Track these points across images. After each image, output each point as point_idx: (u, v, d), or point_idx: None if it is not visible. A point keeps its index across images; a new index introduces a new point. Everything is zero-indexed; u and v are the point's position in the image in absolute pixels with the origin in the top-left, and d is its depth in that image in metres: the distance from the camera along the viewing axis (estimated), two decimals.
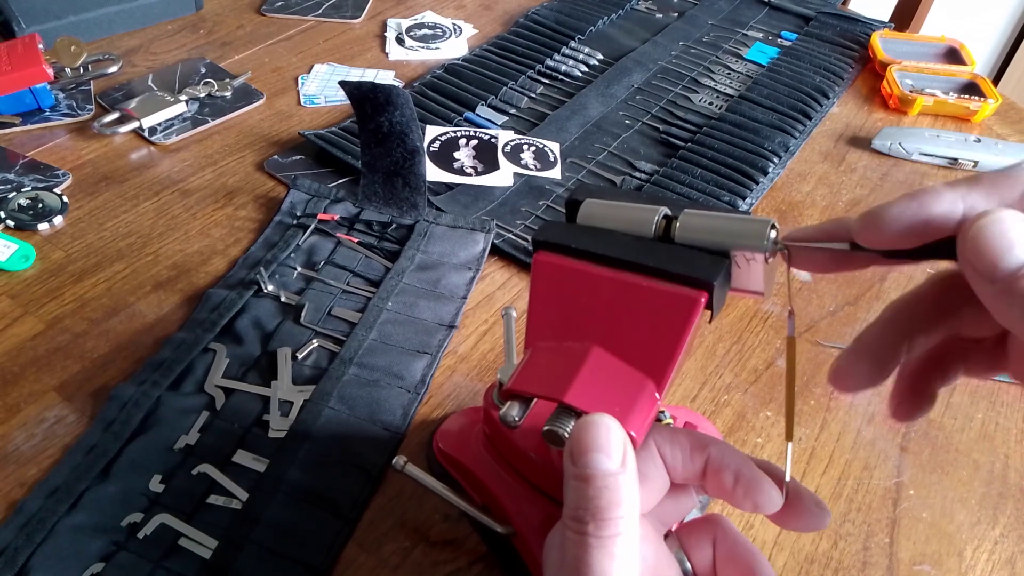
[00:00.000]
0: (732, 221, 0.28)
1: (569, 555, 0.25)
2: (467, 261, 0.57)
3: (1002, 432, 0.50)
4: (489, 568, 0.41)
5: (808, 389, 0.52)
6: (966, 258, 0.23)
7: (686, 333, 0.28)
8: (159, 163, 0.65)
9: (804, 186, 0.70)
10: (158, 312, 0.52)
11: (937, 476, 0.47)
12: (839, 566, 0.42)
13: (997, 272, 0.22)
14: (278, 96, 0.74)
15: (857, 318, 0.57)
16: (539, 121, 0.73)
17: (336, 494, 0.42)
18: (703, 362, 0.53)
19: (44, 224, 0.58)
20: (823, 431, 0.49)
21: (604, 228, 0.30)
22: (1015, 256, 0.22)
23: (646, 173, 0.68)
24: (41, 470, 0.43)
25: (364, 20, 0.88)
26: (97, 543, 0.39)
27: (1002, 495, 0.47)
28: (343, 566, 0.40)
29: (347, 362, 0.49)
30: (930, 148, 0.73)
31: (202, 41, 0.82)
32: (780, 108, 0.76)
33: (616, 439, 0.26)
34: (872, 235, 0.24)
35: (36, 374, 0.48)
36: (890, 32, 0.90)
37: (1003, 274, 0.22)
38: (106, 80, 0.74)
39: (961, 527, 0.45)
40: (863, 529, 0.44)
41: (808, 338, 0.55)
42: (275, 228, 0.59)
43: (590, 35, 0.88)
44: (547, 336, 0.31)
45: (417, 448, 0.46)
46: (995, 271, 0.22)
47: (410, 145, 0.58)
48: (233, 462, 0.43)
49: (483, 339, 0.53)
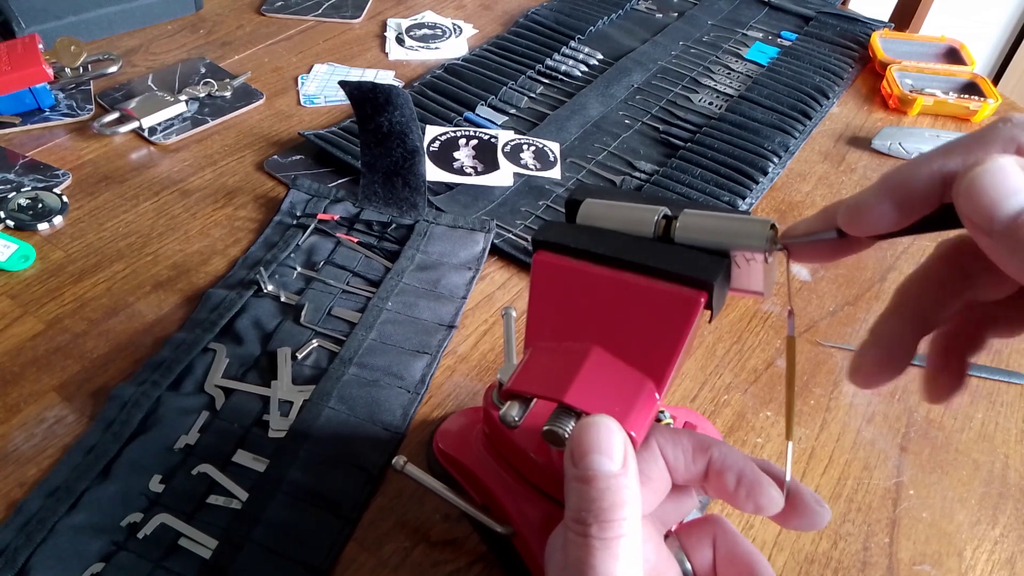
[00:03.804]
0: (732, 221, 0.28)
1: (572, 557, 0.25)
2: (467, 261, 0.57)
3: (1002, 432, 0.50)
4: (489, 568, 0.41)
5: (808, 389, 0.52)
6: (963, 212, 0.22)
7: (686, 333, 0.28)
8: (159, 163, 0.65)
9: (804, 186, 0.70)
10: (158, 312, 0.52)
11: (937, 476, 0.47)
12: (839, 566, 0.42)
13: (995, 222, 0.21)
14: (278, 96, 0.74)
15: (857, 318, 0.57)
16: (539, 121, 0.73)
17: (336, 494, 0.42)
18: (703, 362, 0.53)
19: (44, 224, 0.58)
20: (823, 431, 0.49)
21: (604, 228, 0.30)
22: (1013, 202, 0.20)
23: (646, 173, 0.68)
24: (41, 470, 0.43)
25: (364, 20, 0.88)
26: (97, 543, 0.39)
27: (1002, 495, 0.47)
28: (343, 566, 0.40)
29: (347, 362, 0.49)
30: (930, 148, 0.73)
31: (202, 41, 0.82)
32: (780, 108, 0.76)
33: (616, 440, 0.26)
34: (859, 226, 0.24)
35: (36, 374, 0.48)
36: (890, 32, 0.90)
37: (1001, 224, 0.21)
38: (106, 80, 0.74)
39: (961, 527, 0.45)
40: (863, 529, 0.44)
41: (808, 338, 0.55)
42: (275, 228, 0.59)
43: (590, 35, 0.88)
44: (547, 336, 0.31)
45: (417, 448, 0.46)
46: (993, 221, 0.21)
47: (410, 145, 0.58)
48: (233, 462, 0.43)
49: (483, 339, 0.53)
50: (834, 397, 0.51)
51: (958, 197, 0.22)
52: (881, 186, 0.24)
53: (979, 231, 0.21)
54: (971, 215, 0.21)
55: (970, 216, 0.21)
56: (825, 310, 0.57)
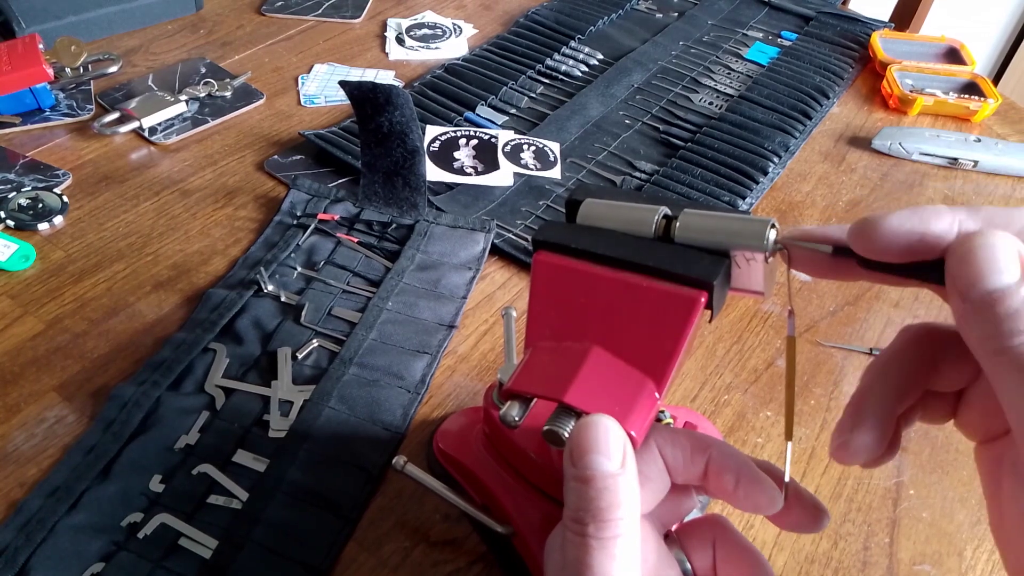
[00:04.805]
0: (732, 221, 0.28)
1: (570, 557, 0.25)
2: (467, 261, 0.57)
3: None
4: (489, 568, 0.41)
5: (808, 389, 0.52)
6: (950, 271, 0.23)
7: (686, 333, 0.28)
8: (159, 163, 0.65)
9: (804, 186, 0.70)
10: (158, 312, 0.52)
11: (937, 476, 0.47)
12: (839, 566, 0.42)
13: (973, 290, 0.22)
14: (278, 96, 0.74)
15: (857, 318, 0.57)
16: (539, 121, 0.73)
17: (336, 494, 0.42)
18: (703, 362, 0.53)
19: (44, 224, 0.58)
20: (823, 431, 0.49)
21: (604, 228, 0.30)
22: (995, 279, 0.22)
23: (646, 173, 0.68)
24: (41, 470, 0.43)
25: (364, 20, 0.88)
26: (97, 543, 0.39)
27: None
28: (343, 566, 0.40)
29: (347, 362, 0.49)
30: (930, 148, 0.73)
31: (202, 41, 0.82)
32: (780, 108, 0.76)
33: (616, 440, 0.26)
34: (866, 242, 0.24)
35: (36, 374, 0.48)
36: (890, 32, 0.90)
37: (977, 294, 0.22)
38: (106, 80, 0.74)
39: (961, 527, 0.45)
40: (863, 529, 0.44)
41: (808, 338, 0.55)
42: (275, 228, 0.59)
43: (590, 35, 0.88)
44: (547, 336, 0.31)
45: (417, 448, 0.46)
46: (972, 289, 0.22)
47: (410, 145, 0.58)
48: (233, 462, 0.43)
49: (483, 339, 0.53)
50: (834, 397, 0.51)
51: (952, 256, 0.23)
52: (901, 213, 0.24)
53: (956, 294, 0.23)
54: (956, 278, 0.22)
55: (955, 278, 0.22)
56: (825, 310, 0.57)
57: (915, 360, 0.28)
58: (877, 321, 0.57)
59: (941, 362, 0.28)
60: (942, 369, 0.28)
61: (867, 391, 0.28)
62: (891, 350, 0.29)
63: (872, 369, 0.29)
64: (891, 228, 0.24)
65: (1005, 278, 0.22)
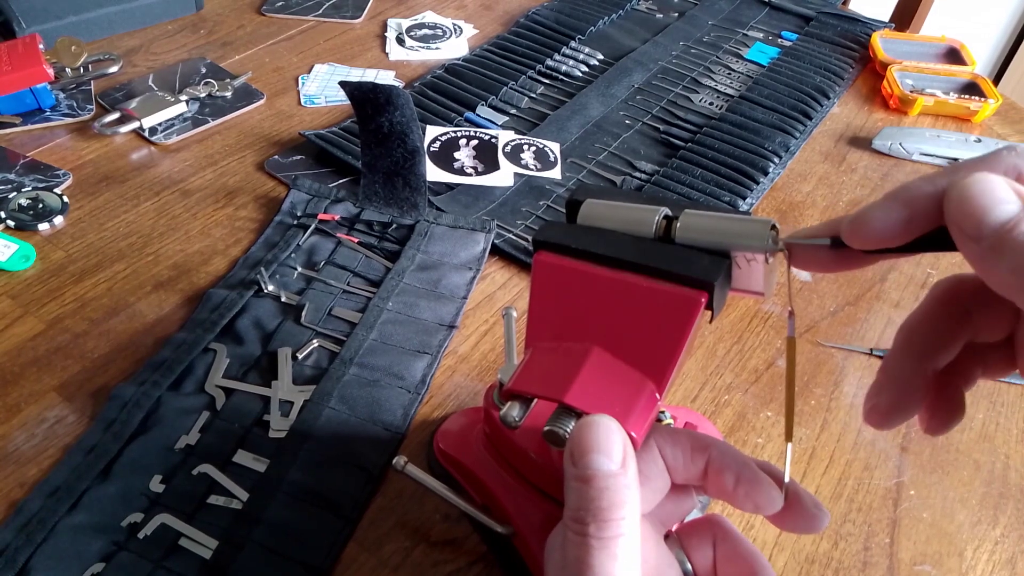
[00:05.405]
0: (732, 221, 0.28)
1: (570, 556, 0.25)
2: (467, 261, 0.57)
3: (1002, 432, 0.50)
4: (489, 568, 0.41)
5: (808, 389, 0.52)
6: (953, 220, 0.22)
7: (686, 333, 0.28)
8: (159, 163, 0.65)
9: (804, 186, 0.70)
10: (158, 312, 0.52)
11: (938, 476, 0.47)
12: (839, 566, 0.42)
13: (983, 228, 0.21)
14: (278, 96, 0.74)
15: (858, 318, 0.57)
16: (539, 121, 0.73)
17: (336, 494, 0.42)
18: (703, 362, 0.53)
19: (44, 224, 0.58)
20: (823, 431, 0.49)
21: (604, 228, 0.30)
22: (1001, 211, 0.21)
23: (646, 173, 0.68)
24: (41, 470, 0.43)
25: (364, 20, 0.88)
26: (97, 543, 0.39)
27: (1002, 495, 0.47)
28: (343, 566, 0.40)
29: (347, 362, 0.49)
30: (931, 148, 0.73)
31: (202, 41, 0.82)
32: (780, 108, 0.76)
33: (616, 440, 0.26)
34: (862, 239, 0.24)
35: (36, 374, 0.48)
36: (890, 32, 0.90)
37: (989, 230, 0.21)
38: (106, 80, 0.74)
39: (962, 527, 0.45)
40: (864, 529, 0.44)
41: (808, 338, 0.55)
42: (275, 228, 0.59)
43: (590, 35, 0.88)
44: (547, 336, 0.31)
45: (417, 448, 0.46)
46: (981, 227, 0.21)
47: (410, 145, 0.58)
48: (233, 462, 0.43)
49: (483, 339, 0.53)
50: (835, 397, 0.51)
51: (949, 205, 0.22)
52: (885, 200, 0.24)
53: (967, 239, 0.22)
54: (960, 223, 0.22)
55: (960, 224, 0.22)
56: (826, 310, 0.57)
57: (944, 315, 0.28)
58: (877, 321, 0.57)
59: (976, 312, 0.27)
60: (978, 319, 0.27)
61: (894, 352, 0.28)
62: (919, 308, 0.29)
63: (901, 330, 0.29)
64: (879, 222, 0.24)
65: (1009, 207, 0.21)
